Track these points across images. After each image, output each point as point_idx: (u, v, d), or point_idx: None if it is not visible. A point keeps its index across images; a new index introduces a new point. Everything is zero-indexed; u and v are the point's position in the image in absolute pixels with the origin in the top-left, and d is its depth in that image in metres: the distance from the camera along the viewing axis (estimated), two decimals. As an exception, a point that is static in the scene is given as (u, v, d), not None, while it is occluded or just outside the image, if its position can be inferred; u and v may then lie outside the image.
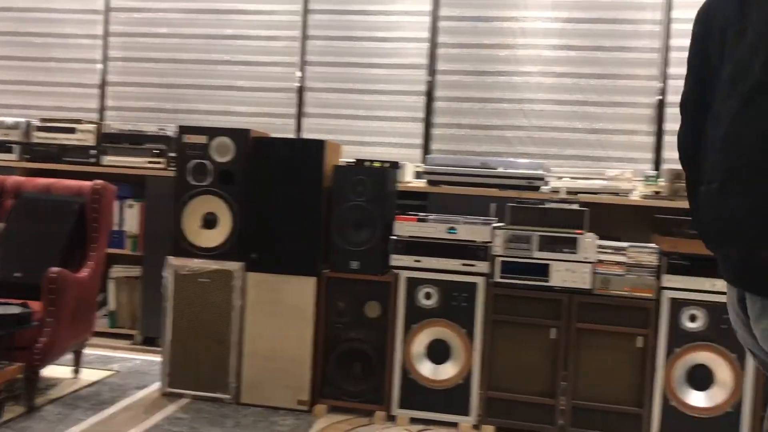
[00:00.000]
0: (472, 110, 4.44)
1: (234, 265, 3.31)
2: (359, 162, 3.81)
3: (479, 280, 3.16)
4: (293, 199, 3.28)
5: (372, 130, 4.56)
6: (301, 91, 4.68)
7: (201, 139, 3.34)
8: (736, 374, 2.93)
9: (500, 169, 3.79)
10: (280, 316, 3.27)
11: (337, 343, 3.25)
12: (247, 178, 3.32)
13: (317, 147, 3.30)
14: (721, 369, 2.95)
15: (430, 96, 4.50)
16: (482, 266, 3.16)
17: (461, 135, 4.46)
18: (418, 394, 3.18)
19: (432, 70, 4.49)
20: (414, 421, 3.17)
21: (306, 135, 4.61)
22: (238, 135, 3.34)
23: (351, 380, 3.25)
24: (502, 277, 3.12)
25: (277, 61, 4.73)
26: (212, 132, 3.37)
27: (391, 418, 3.19)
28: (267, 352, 3.28)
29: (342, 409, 3.25)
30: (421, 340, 3.19)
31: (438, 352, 3.19)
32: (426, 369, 3.19)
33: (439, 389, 3.17)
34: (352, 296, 3.25)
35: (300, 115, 4.67)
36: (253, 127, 3.52)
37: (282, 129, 4.63)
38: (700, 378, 2.98)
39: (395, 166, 3.72)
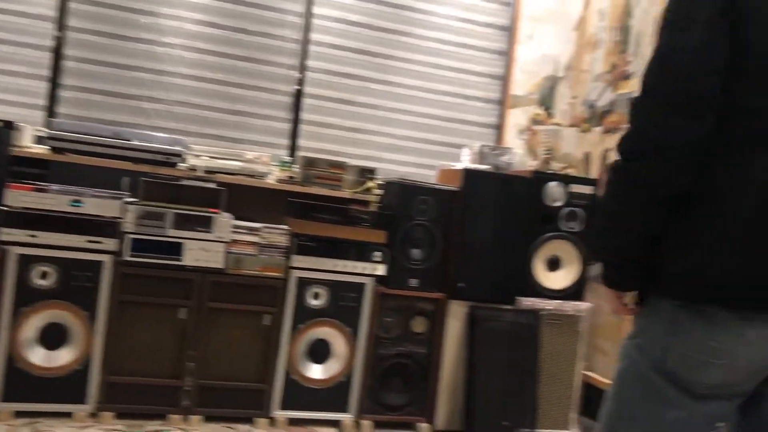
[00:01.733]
0: (108, 76, 4.10)
1: None
2: (-37, 118, 3.22)
3: (106, 259, 2.93)
4: None
5: (-17, 83, 3.92)
6: None
7: None
8: (350, 347, 3.21)
9: (135, 142, 3.56)
10: None
11: None
12: None
13: None
14: (338, 342, 3.21)
15: (58, 53, 4.03)
16: (110, 243, 2.94)
17: (93, 101, 4.09)
18: (25, 385, 2.83)
19: (62, 25, 4.03)
20: (20, 414, 2.82)
21: None
22: None
23: (-61, 374, 2.75)
24: (131, 256, 2.95)
25: None
26: None
27: (-9, 414, 2.79)
28: None
29: (-75, 408, 2.74)
30: (33, 324, 2.85)
31: (53, 337, 2.88)
32: (37, 356, 2.85)
33: (53, 377, 2.86)
34: (-55, 275, 2.75)
35: None
36: None
37: None
38: (320, 351, 3.20)
39: (9, 126, 3.25)
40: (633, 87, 3.57)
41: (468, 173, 3.43)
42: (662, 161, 1.32)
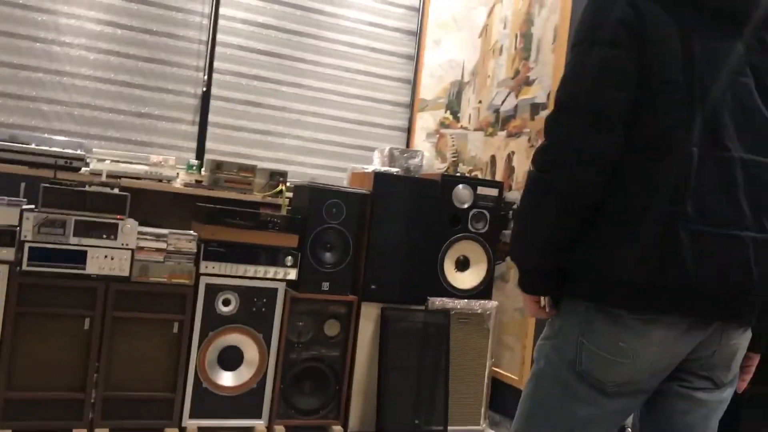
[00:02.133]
0: (2, 77, 3.90)
1: None
2: None
3: (2, 269, 2.79)
4: None
5: None
6: None
7: None
8: (262, 352, 3.19)
9: (34, 146, 3.41)
10: None
11: None
12: None
13: None
14: (250, 348, 3.18)
15: (-55, 51, 3.80)
16: (7, 253, 2.80)
17: (-14, 102, 3.88)
18: None
19: (-50, 22, 3.80)
20: None
21: None
22: None
23: None
24: (30, 265, 2.82)
25: None
26: None
27: None
28: None
29: None
30: None
31: (-56, 353, 2.72)
32: (-74, 374, 2.69)
33: (-57, 396, 2.71)
34: None
35: None
36: None
37: None
38: (231, 358, 3.17)
39: None
40: (535, 93, 3.72)
41: (378, 176, 3.48)
42: (576, 172, 1.39)
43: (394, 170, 3.79)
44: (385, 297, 3.43)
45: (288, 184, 3.75)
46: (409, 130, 4.93)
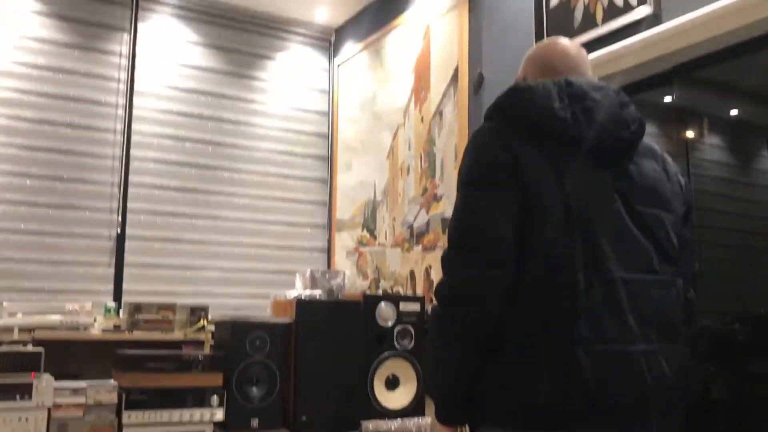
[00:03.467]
0: None
1: None
2: None
3: None
4: None
5: None
6: None
7: None
8: (193, 502, 3.05)
9: (-63, 306, 3.29)
10: None
11: None
12: None
13: None
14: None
15: None
16: None
17: None
18: None
19: None
20: None
21: None
22: None
23: None
24: (-65, 439, 2.66)
25: None
26: None
27: None
28: None
29: None
30: None
31: None
32: None
33: None
34: None
35: None
36: None
37: None
38: None
39: None
40: (444, 208, 3.89)
41: (300, 304, 3.49)
42: (472, 306, 1.47)
43: (317, 292, 3.82)
44: (317, 427, 3.37)
45: (210, 317, 3.72)
46: (329, 250, 5.01)
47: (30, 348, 2.95)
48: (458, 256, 1.51)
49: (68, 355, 3.55)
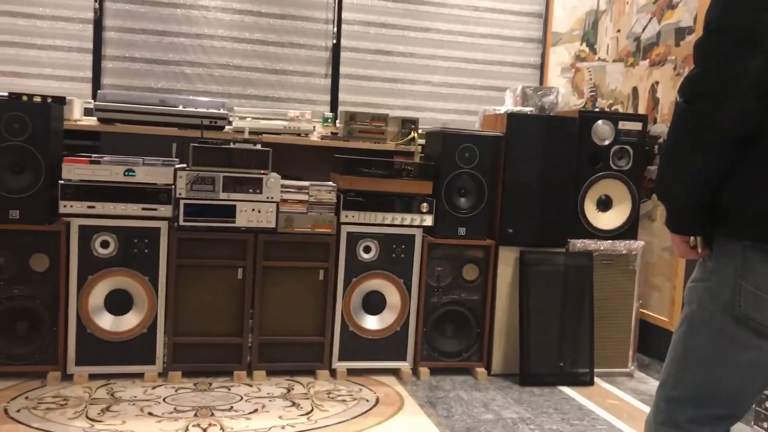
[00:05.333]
0: (148, 43, 4.15)
1: None
2: (15, 96, 3.32)
3: (162, 225, 3.02)
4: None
5: (28, 59, 4.01)
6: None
7: None
8: (403, 297, 3.26)
9: (181, 108, 3.62)
10: None
11: (-3, 302, 2.87)
12: None
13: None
14: (392, 293, 3.26)
15: (99, 25, 4.08)
16: (165, 210, 3.02)
17: (136, 69, 4.15)
18: (97, 349, 2.97)
19: (100, -4, 4.08)
20: (94, 377, 2.97)
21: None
22: None
23: (17, 342, 2.90)
24: (186, 221, 3.03)
25: None
26: None
27: (68, 377, 2.94)
28: None
29: (7, 374, 2.90)
30: (99, 292, 2.97)
31: (119, 303, 3.00)
32: (105, 322, 2.98)
33: (121, 341, 2.99)
34: (13, 250, 2.87)
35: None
36: None
37: None
38: (374, 303, 3.26)
39: (60, 101, 3.33)
40: (679, 16, 3.45)
41: (511, 117, 3.39)
42: (729, 101, 1.28)
43: (527, 110, 3.68)
44: (523, 240, 3.38)
45: (420, 130, 3.75)
46: (542, 67, 4.75)
47: (259, 147, 3.18)
48: (715, 41, 1.30)
49: (290, 158, 3.80)
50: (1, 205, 2.84)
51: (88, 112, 3.72)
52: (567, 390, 3.26)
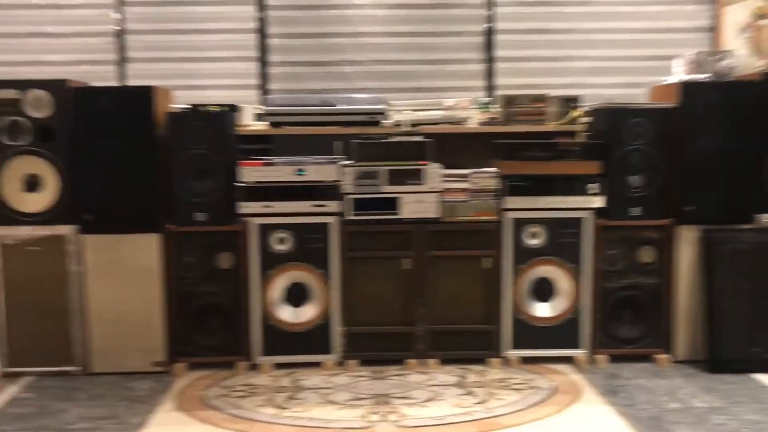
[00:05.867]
0: (308, 46, 4.32)
1: (66, 229, 3.05)
2: (194, 107, 3.59)
3: (332, 220, 3.14)
4: (124, 152, 3.05)
5: (203, 72, 4.31)
6: (121, 34, 4.30)
7: (11, 93, 3.00)
8: (575, 283, 3.16)
9: (341, 106, 3.74)
10: (123, 277, 3.08)
11: (189, 299, 3.12)
12: (69, 134, 3.03)
13: (145, 94, 3.07)
14: (562, 280, 3.17)
15: (262, 33, 4.31)
16: (334, 205, 3.14)
17: (298, 73, 4.34)
18: (279, 340, 3.15)
19: (261, 5, 4.29)
20: (278, 366, 3.15)
21: (134, 82, 4.27)
22: (55, 86, 3.03)
23: (209, 335, 3.15)
24: (354, 215, 3.12)
25: (90, 2, 4.30)
26: (24, 85, 3.02)
27: (255, 367, 3.15)
28: (114, 317, 3.09)
29: (203, 365, 3.16)
30: (279, 286, 3.15)
31: (296, 296, 3.16)
32: (286, 313, 3.16)
33: (300, 332, 3.15)
34: (201, 249, 3.11)
35: (123, 60, 4.31)
36: (71, 77, 3.19)
37: (103, 77, 4.25)
38: (544, 290, 3.19)
39: (234, 109, 3.55)
40: None
41: (685, 87, 3.16)
42: None
43: (701, 77, 3.41)
44: (704, 218, 3.14)
45: (583, 109, 3.60)
46: (714, 29, 4.38)
47: (419, 139, 3.21)
48: None
49: (449, 147, 3.79)
50: (188, 208, 3.09)
51: (257, 117, 3.93)
52: (763, 377, 3.00)
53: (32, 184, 3.04)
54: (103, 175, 3.05)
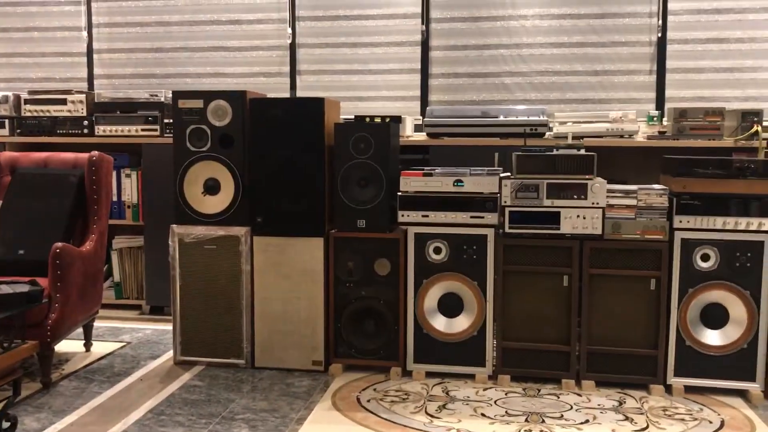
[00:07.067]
0: (469, 58, 4.35)
1: (240, 230, 3.26)
2: (360, 118, 3.73)
3: (489, 232, 3.13)
4: (295, 160, 3.22)
5: (368, 84, 4.47)
6: (293, 47, 4.56)
7: (197, 103, 3.26)
8: (749, 311, 2.93)
9: (501, 117, 3.73)
10: (289, 278, 3.24)
11: (348, 302, 3.23)
12: (246, 141, 3.25)
13: (316, 105, 3.22)
14: (735, 306, 2.95)
15: (426, 46, 4.39)
16: (491, 218, 3.13)
17: (459, 84, 4.38)
18: (432, 348, 3.18)
19: (426, 19, 4.38)
20: (430, 374, 3.18)
21: (301, 93, 4.52)
22: (235, 97, 3.26)
23: (365, 338, 3.24)
24: (511, 228, 3.09)
25: (266, 18, 4.60)
26: (208, 96, 3.28)
27: (407, 373, 3.20)
28: (278, 315, 3.26)
29: (357, 367, 3.26)
30: (433, 295, 3.18)
31: (450, 306, 3.18)
32: (439, 323, 3.18)
33: (453, 342, 3.17)
34: (360, 255, 3.22)
35: (294, 73, 4.57)
36: (247, 88, 3.43)
37: (276, 88, 4.53)
38: (715, 316, 2.98)
39: (396, 120, 3.66)
40: None
41: None
42: None
43: None
44: None
45: (765, 123, 3.35)
46: None
47: (583, 152, 3.12)
48: None
49: (613, 161, 3.66)
50: (350, 215, 3.20)
51: (417, 127, 4.02)
52: None
53: (211, 187, 3.29)
54: (274, 181, 3.24)
